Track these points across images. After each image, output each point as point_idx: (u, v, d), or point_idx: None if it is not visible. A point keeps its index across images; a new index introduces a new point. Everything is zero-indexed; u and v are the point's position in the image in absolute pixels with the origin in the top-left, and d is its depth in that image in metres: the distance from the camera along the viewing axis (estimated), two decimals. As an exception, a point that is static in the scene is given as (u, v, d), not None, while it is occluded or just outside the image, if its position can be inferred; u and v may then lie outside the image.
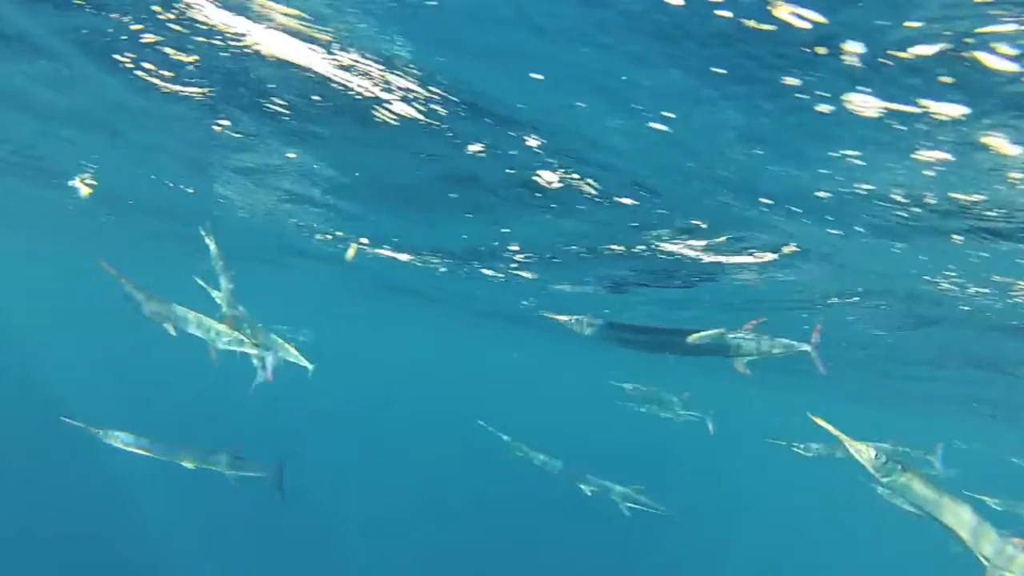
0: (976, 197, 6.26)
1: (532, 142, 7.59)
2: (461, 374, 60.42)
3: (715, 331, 6.82)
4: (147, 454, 9.68)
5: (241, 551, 25.51)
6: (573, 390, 50.91)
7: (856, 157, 5.95)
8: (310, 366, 9.95)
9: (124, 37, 7.01)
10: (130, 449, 9.71)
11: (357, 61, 6.44)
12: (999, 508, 12.75)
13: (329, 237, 16.15)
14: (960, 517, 5.46)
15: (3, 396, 30.64)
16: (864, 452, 5.55)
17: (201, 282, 9.24)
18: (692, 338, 7.01)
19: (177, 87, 8.24)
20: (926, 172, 5.90)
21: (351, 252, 12.17)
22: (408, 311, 29.65)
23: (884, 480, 5.56)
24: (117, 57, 7.60)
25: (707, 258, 10.72)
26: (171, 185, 14.28)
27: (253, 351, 8.96)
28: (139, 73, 7.93)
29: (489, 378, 59.66)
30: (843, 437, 5.58)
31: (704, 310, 14.86)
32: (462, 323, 30.14)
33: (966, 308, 10.89)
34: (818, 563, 41.51)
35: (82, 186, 10.15)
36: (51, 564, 21.41)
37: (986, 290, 9.73)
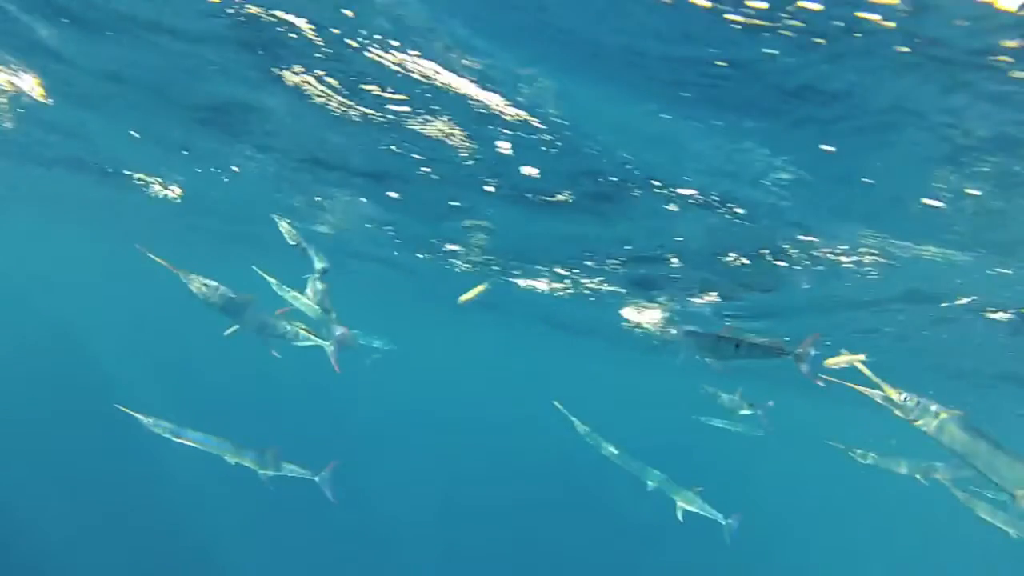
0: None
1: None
2: (531, 382, 60.41)
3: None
4: (193, 445, 9.46)
5: (291, 550, 25.42)
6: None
7: None
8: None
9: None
10: (177, 440, 9.55)
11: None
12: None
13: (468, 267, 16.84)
14: (994, 460, 5.56)
15: (66, 390, 31.54)
16: (895, 394, 5.70)
17: (260, 271, 9.60)
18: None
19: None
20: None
21: (470, 295, 11.77)
22: (475, 317, 29.39)
23: (917, 423, 5.66)
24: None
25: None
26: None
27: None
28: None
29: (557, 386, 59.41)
30: (876, 379, 5.72)
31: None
32: (535, 332, 29.64)
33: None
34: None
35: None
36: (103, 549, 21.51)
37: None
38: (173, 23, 7.45)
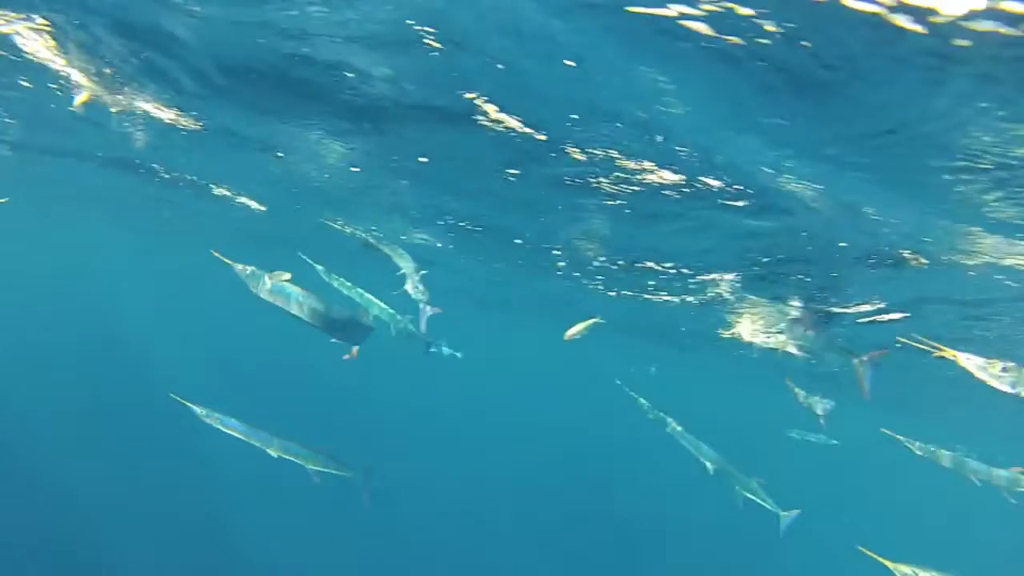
0: None
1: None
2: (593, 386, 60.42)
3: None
4: (242, 437, 9.82)
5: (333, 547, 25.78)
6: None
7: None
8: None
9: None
10: (228, 431, 9.91)
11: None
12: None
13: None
14: None
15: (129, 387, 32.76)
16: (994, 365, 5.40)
17: (307, 259, 10.08)
18: None
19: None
20: None
21: (577, 329, 12.04)
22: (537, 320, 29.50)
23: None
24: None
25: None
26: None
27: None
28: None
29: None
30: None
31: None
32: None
33: None
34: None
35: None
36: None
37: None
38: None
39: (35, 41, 8.96)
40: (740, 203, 8.98)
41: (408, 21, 6.18)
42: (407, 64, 7.17)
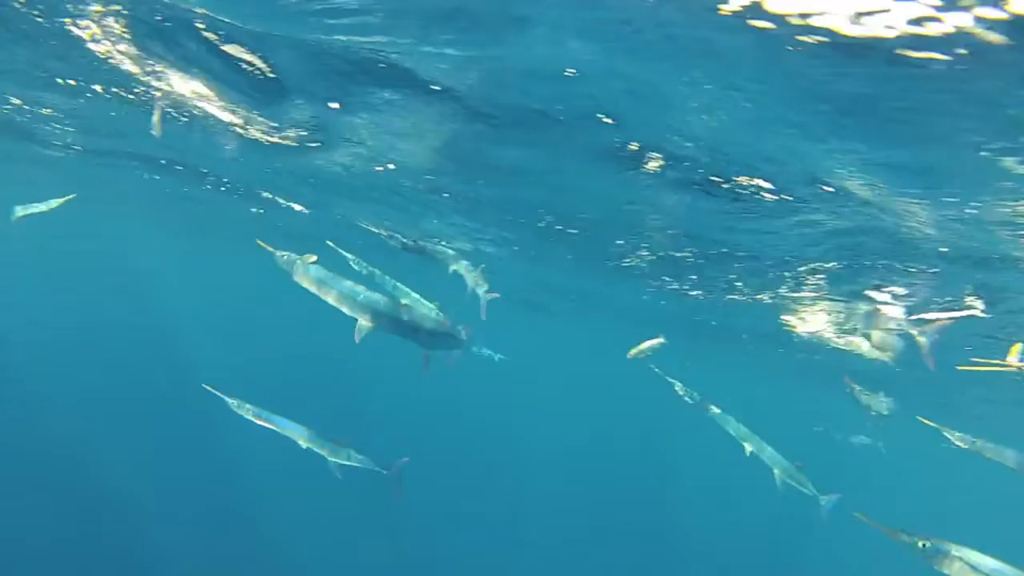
0: None
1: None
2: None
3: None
4: (271, 427, 9.90)
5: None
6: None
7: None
8: None
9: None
10: (258, 422, 10.02)
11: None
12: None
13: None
14: None
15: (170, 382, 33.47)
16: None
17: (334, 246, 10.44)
18: None
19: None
20: None
21: (642, 348, 12.00)
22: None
23: None
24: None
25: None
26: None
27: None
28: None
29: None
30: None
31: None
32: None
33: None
34: None
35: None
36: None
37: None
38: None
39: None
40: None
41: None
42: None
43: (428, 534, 27.98)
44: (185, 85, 9.73)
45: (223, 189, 19.12)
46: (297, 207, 19.29)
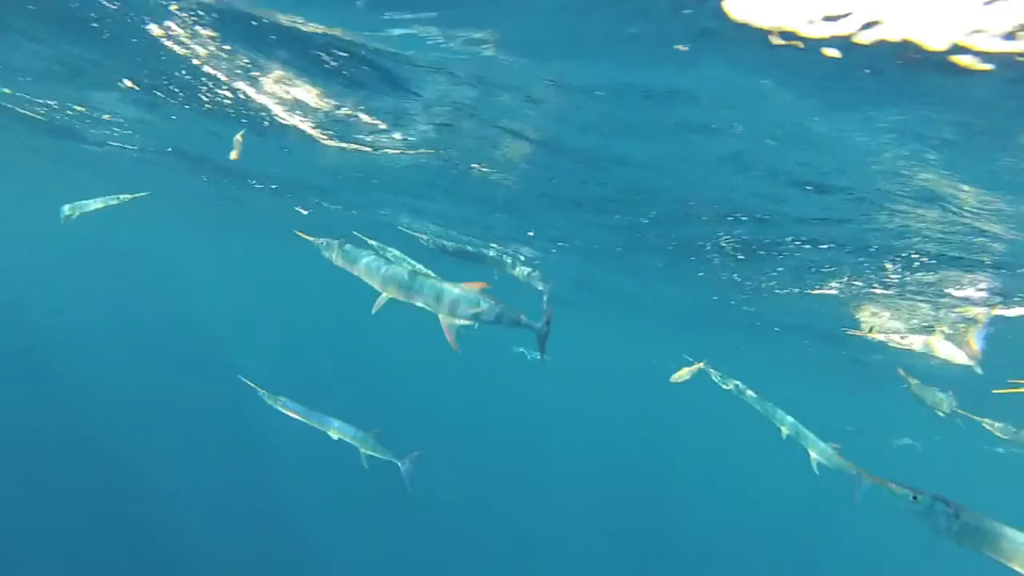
0: None
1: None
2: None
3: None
4: (304, 421, 10.27)
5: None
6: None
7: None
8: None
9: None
10: (290, 414, 10.39)
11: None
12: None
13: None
14: None
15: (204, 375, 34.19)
16: None
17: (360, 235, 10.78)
18: None
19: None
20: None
21: (683, 373, 12.07)
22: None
23: None
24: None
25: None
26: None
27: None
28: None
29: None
30: None
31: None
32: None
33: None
34: None
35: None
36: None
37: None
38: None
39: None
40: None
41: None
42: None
43: (452, 530, 28.13)
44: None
45: (273, 187, 19.31)
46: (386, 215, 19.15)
